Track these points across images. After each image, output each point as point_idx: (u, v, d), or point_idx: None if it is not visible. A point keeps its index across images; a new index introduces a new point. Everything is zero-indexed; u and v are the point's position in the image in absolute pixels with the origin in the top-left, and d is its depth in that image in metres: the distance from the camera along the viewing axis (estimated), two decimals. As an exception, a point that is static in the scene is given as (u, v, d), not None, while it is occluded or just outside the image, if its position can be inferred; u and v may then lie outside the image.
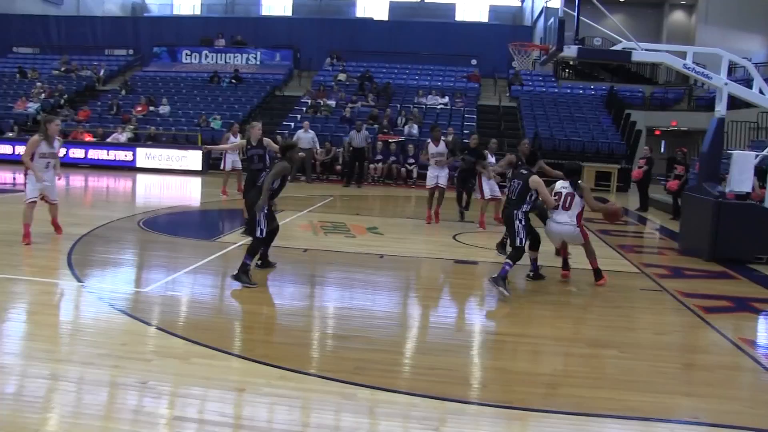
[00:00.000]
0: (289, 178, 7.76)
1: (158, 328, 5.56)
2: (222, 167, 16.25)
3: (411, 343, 5.77)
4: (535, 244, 8.06)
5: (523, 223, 7.57)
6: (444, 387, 4.54)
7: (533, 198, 7.68)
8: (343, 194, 17.30)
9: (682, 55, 10.53)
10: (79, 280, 7.00)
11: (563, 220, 7.83)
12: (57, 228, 9.28)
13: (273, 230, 7.67)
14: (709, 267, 9.50)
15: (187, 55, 32.49)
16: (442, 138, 12.55)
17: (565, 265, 8.35)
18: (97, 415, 3.88)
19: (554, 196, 7.87)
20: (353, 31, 33.34)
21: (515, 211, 7.61)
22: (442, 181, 12.13)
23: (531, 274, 8.16)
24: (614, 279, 8.56)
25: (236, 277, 7.02)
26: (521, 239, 7.52)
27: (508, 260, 7.33)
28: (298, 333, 5.71)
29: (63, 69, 30.65)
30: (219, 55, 32.24)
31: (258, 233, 7.25)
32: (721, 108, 10.41)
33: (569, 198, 7.84)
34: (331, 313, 6.56)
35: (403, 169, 20.65)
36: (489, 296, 7.68)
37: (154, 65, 32.26)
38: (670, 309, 7.20)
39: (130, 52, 33.98)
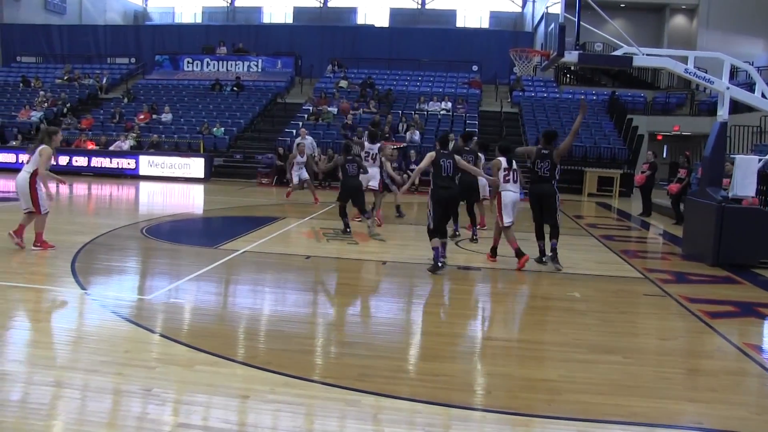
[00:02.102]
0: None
1: (162, 336, 5.56)
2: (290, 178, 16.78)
3: (414, 349, 5.76)
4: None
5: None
6: (448, 393, 4.54)
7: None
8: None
9: (684, 59, 10.53)
10: (83, 288, 7.02)
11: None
12: (21, 239, 8.77)
13: None
14: (713, 272, 9.48)
15: (189, 63, 32.62)
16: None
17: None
18: (101, 423, 3.87)
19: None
20: (354, 38, 33.48)
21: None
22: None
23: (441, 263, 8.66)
24: (618, 284, 8.57)
25: None
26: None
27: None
28: (302, 340, 5.70)
29: (66, 78, 30.79)
30: (221, 62, 32.37)
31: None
32: (723, 112, 10.40)
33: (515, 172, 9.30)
34: (334, 320, 6.55)
35: (405, 175, 20.60)
36: (491, 302, 7.69)
37: (156, 73, 32.40)
38: (674, 314, 7.18)
39: (132, 60, 34.15)
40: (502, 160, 9.26)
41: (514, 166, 9.37)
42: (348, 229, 11.17)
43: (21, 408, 4.07)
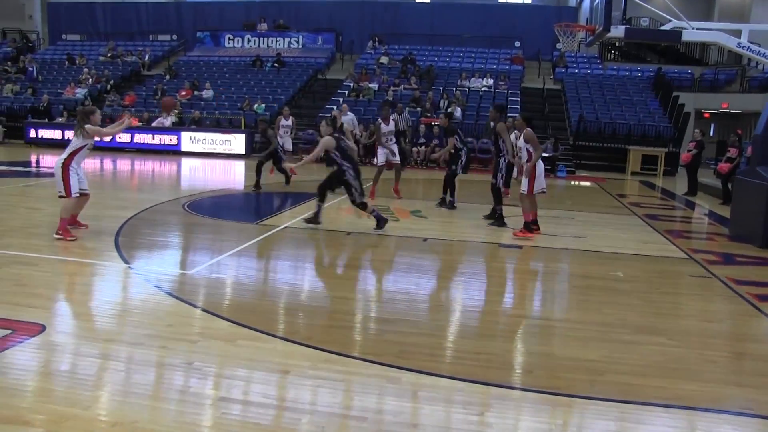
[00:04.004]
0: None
1: (204, 310, 5.63)
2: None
3: (455, 327, 5.74)
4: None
5: None
6: (488, 372, 4.51)
7: None
8: (386, 177, 17.26)
9: (737, 33, 10.19)
10: (126, 262, 7.14)
11: None
12: (79, 223, 8.67)
13: None
14: (762, 254, 9.22)
15: (229, 39, 32.77)
16: (392, 117, 13.06)
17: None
18: (145, 395, 3.95)
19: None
20: (395, 14, 33.13)
21: None
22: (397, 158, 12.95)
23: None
24: (662, 265, 8.41)
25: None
26: None
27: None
28: (342, 316, 5.72)
29: (109, 55, 31.22)
30: (261, 39, 32.44)
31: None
32: (776, 89, 10.07)
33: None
34: (374, 297, 6.56)
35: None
36: (533, 281, 7.61)
37: (198, 50, 32.62)
38: (720, 296, 7.01)
39: (174, 37, 34.40)
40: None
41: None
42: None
43: (70, 378, 4.17)
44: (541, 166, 9.43)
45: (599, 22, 9.95)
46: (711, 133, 28.36)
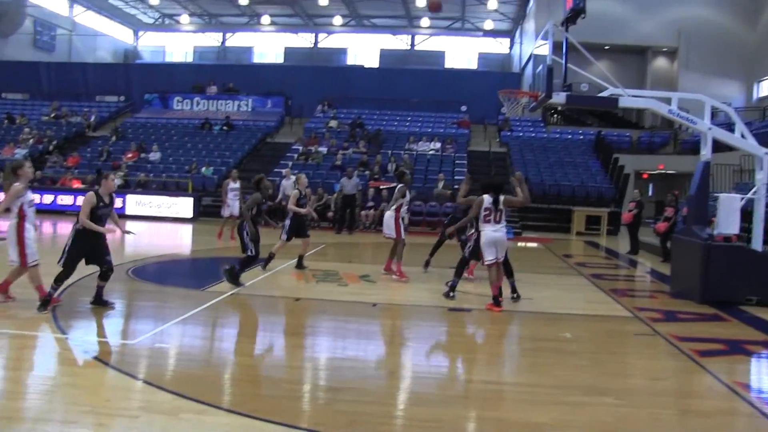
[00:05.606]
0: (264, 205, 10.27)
1: (145, 382, 5.42)
2: (224, 214, 16.10)
3: (405, 394, 5.66)
4: None
5: None
6: (439, 440, 4.45)
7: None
8: (335, 241, 17.25)
9: (668, 100, 10.68)
10: (63, 333, 6.86)
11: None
12: (8, 295, 8.01)
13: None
14: (701, 309, 9.48)
15: (178, 101, 32.79)
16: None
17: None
18: (82, 476, 3.75)
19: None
20: (344, 79, 33.80)
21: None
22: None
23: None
24: (608, 324, 8.54)
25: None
26: None
27: None
28: (291, 386, 5.59)
29: (53, 115, 30.82)
30: (211, 102, 32.57)
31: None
32: (706, 152, 10.52)
33: None
34: (323, 365, 6.45)
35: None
36: (482, 344, 7.61)
37: (146, 111, 32.51)
38: (664, 353, 7.15)
39: (122, 98, 34.28)
40: (486, 197, 9.02)
41: (500, 206, 8.97)
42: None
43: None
44: (487, 235, 8.93)
45: (541, 88, 10.28)
46: (650, 193, 29.38)
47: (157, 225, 20.41)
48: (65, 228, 18.09)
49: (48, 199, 21.88)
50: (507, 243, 9.14)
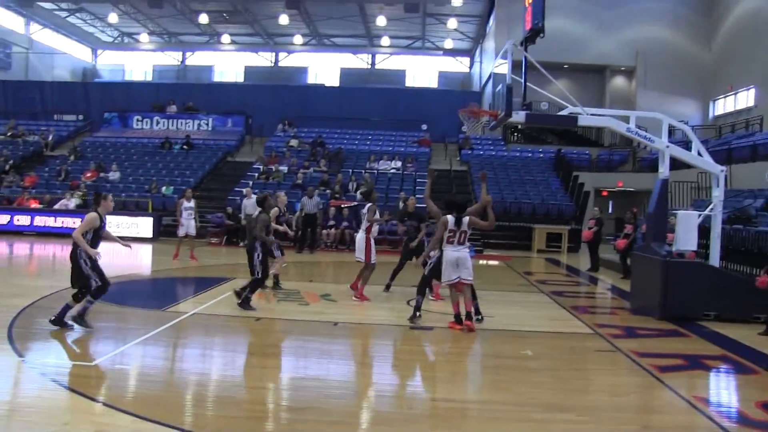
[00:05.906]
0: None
1: (105, 405, 5.31)
2: (179, 233, 15.92)
3: (367, 414, 5.64)
4: None
5: None
6: (403, 459, 4.43)
7: None
8: (296, 261, 17.14)
9: (626, 119, 10.91)
10: (20, 355, 6.69)
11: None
12: None
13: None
14: (660, 325, 9.63)
15: (138, 120, 32.40)
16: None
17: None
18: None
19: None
20: (305, 98, 33.78)
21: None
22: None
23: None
24: (569, 341, 8.63)
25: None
26: None
27: None
28: (252, 406, 5.53)
29: (9, 134, 30.13)
30: (171, 121, 32.24)
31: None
32: (664, 169, 10.76)
33: None
34: (285, 384, 6.40)
35: (356, 234, 20.59)
36: (444, 363, 7.62)
37: (105, 131, 32.03)
38: (625, 369, 7.24)
39: (80, 117, 33.70)
40: (450, 218, 8.86)
41: (464, 227, 8.87)
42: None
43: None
44: (448, 255, 8.85)
45: (501, 107, 10.41)
46: (609, 210, 29.86)
47: (116, 245, 19.97)
48: (21, 249, 17.65)
49: (4, 219, 21.34)
50: (471, 262, 9.01)
